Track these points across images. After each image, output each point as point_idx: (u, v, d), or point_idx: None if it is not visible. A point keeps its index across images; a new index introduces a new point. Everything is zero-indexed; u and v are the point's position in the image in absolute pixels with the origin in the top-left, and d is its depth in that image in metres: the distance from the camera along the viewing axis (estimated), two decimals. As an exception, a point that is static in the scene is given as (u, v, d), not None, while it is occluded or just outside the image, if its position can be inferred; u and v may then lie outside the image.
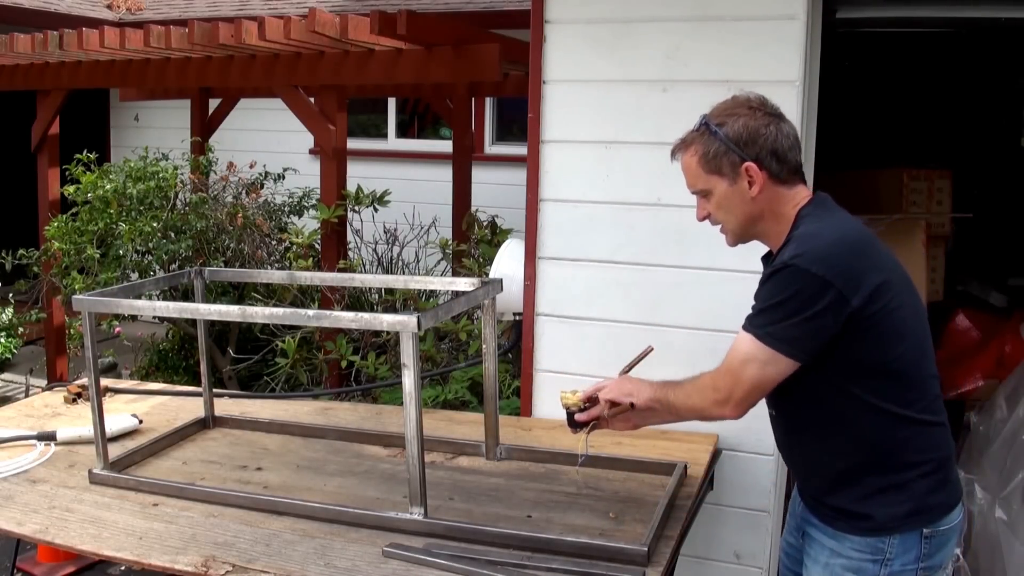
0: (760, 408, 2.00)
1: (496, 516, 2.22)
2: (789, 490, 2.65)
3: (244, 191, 5.28)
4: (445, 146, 7.05)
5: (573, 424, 2.16)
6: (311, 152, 7.44)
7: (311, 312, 2.39)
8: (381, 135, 8.17)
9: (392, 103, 8.10)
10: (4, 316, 6.61)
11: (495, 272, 3.25)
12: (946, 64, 5.54)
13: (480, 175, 6.15)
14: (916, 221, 4.23)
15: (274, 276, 3.77)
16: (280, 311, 3.13)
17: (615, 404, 2.09)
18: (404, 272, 5.49)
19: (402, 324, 2.05)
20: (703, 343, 2.71)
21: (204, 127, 6.17)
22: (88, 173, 5.10)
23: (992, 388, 3.86)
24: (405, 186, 6.29)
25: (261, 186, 5.45)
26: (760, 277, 1.94)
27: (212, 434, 2.86)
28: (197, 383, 3.17)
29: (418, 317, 2.02)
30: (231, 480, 2.46)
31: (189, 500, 2.29)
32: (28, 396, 5.14)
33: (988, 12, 2.89)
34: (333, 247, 4.80)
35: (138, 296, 2.80)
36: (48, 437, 2.70)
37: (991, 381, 3.96)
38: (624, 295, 2.91)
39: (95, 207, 5.02)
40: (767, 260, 2.04)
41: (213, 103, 6.37)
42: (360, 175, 5.41)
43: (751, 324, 1.89)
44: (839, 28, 3.13)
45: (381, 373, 4.23)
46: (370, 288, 4.88)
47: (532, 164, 2.98)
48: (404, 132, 8.19)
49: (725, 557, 2.89)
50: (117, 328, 5.60)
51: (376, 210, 5.00)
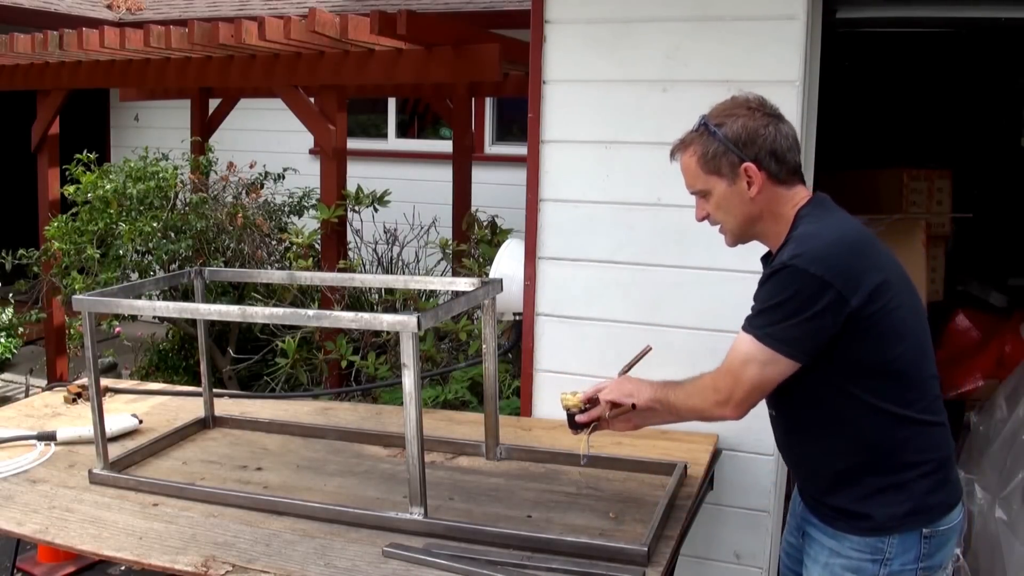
0: (760, 408, 2.00)
1: (496, 516, 2.22)
2: (789, 490, 2.65)
3: (244, 191, 5.28)
4: (445, 146, 7.05)
5: (574, 425, 2.16)
6: (311, 152, 7.44)
7: (311, 312, 2.39)
8: (381, 135, 8.17)
9: (392, 103, 8.10)
10: (4, 316, 6.61)
11: (495, 272, 3.25)
12: (946, 64, 5.54)
13: (480, 175, 6.15)
14: (916, 221, 4.23)
15: (274, 276, 3.77)
16: (280, 311, 3.13)
17: (616, 405, 2.09)
18: (404, 272, 5.49)
19: (402, 324, 2.05)
20: (703, 343, 2.71)
21: (204, 127, 6.17)
22: (88, 173, 5.11)
23: (992, 388, 3.86)
24: (405, 186, 6.29)
25: (261, 186, 5.44)
26: (759, 278, 1.94)
27: (212, 434, 2.86)
28: (197, 383, 3.17)
29: (418, 317, 2.02)
30: (231, 480, 2.46)
31: (189, 500, 2.29)
32: (28, 396, 5.14)
33: (988, 12, 2.89)
34: (333, 247, 4.80)
35: (138, 296, 2.80)
36: (48, 437, 2.70)
37: (991, 381, 3.97)
38: (624, 295, 2.91)
39: (95, 207, 5.02)
40: (766, 260, 2.04)
41: (213, 103, 6.37)
42: (360, 175, 5.41)
43: (751, 325, 1.89)
44: (839, 28, 3.13)
45: (381, 373, 4.23)
46: (370, 288, 4.88)
47: (532, 164, 2.98)
48: (404, 132, 8.19)
49: (725, 557, 2.89)
50: (117, 328, 5.60)
51: (376, 210, 5.00)
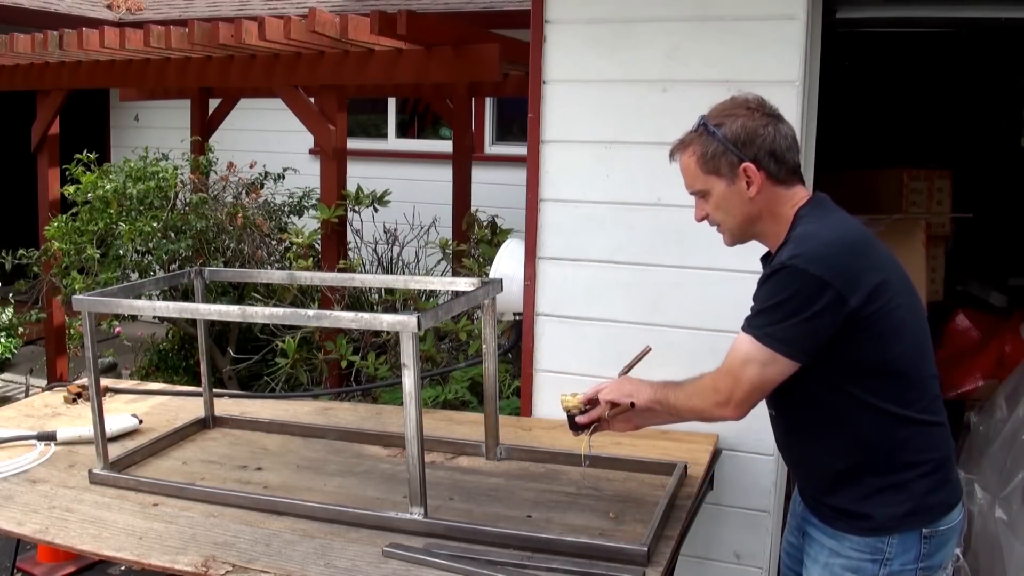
0: (760, 408, 2.00)
1: (496, 516, 2.22)
2: (789, 490, 2.66)
3: (244, 191, 5.28)
4: (445, 146, 7.05)
5: (574, 427, 2.16)
6: (311, 152, 7.44)
7: (311, 312, 2.39)
8: (381, 135, 8.17)
9: (392, 103, 8.10)
10: (4, 316, 6.61)
11: (495, 272, 3.25)
12: (946, 64, 5.54)
13: (480, 175, 6.15)
14: (916, 221, 4.23)
15: (274, 276, 3.77)
16: (280, 311, 3.13)
17: (615, 405, 2.09)
18: (404, 272, 5.49)
19: (402, 324, 2.05)
20: (703, 343, 2.71)
21: (204, 127, 6.17)
22: (88, 173, 5.11)
23: (992, 388, 3.86)
24: (405, 186, 6.29)
25: (261, 186, 5.44)
26: (759, 278, 1.94)
27: (212, 434, 2.86)
28: (197, 383, 3.17)
29: (418, 317, 2.02)
30: (231, 480, 2.46)
31: (189, 500, 2.29)
32: (28, 396, 5.14)
33: (988, 12, 2.89)
34: (333, 247, 4.80)
35: (138, 296, 2.80)
36: (48, 437, 2.70)
37: (991, 381, 3.97)
38: (624, 295, 2.91)
39: (95, 207, 5.02)
40: (766, 260, 2.04)
41: (213, 103, 6.36)
42: (360, 175, 5.41)
43: (750, 325, 1.89)
44: (839, 28, 3.13)
45: (381, 373, 4.23)
46: (370, 288, 4.88)
47: (532, 164, 2.98)
48: (404, 132, 8.19)
49: (725, 557, 2.89)
50: (117, 328, 5.60)
51: (376, 210, 5.00)
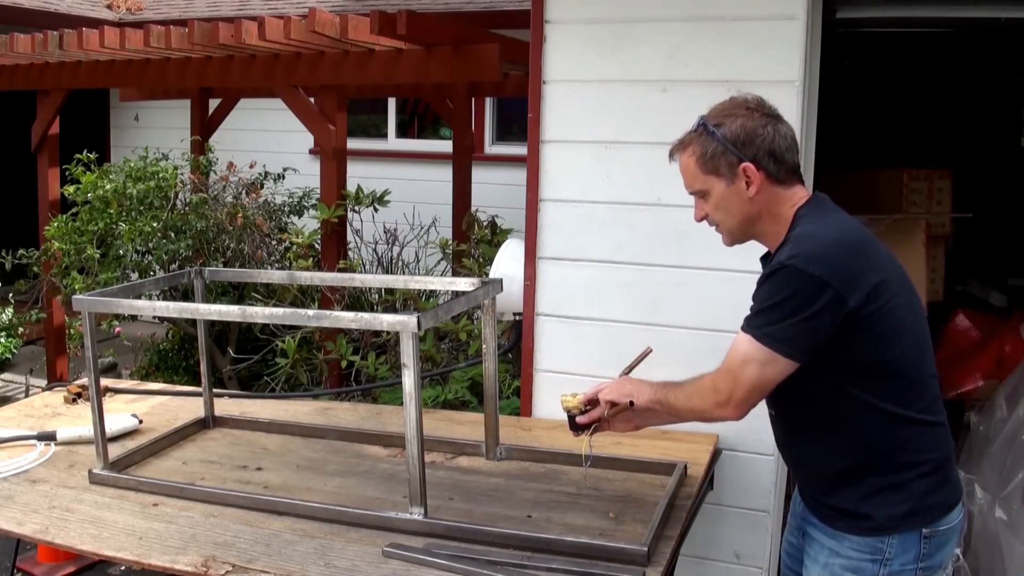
0: (760, 408, 2.00)
1: (496, 516, 2.22)
2: (789, 490, 2.66)
3: (244, 191, 5.28)
4: (445, 146, 7.05)
5: (575, 427, 2.16)
6: (311, 152, 7.44)
7: (311, 312, 2.39)
8: (381, 135, 8.17)
9: (392, 103, 8.10)
10: (4, 316, 6.61)
11: (495, 272, 3.25)
12: (946, 64, 5.54)
13: (480, 175, 6.15)
14: (916, 221, 4.23)
15: (274, 276, 3.76)
16: (280, 311, 3.13)
17: (615, 405, 2.09)
18: (404, 272, 5.49)
19: (402, 324, 2.05)
20: (703, 343, 2.71)
21: (204, 127, 6.17)
22: (88, 173, 5.11)
23: (992, 388, 3.86)
24: (405, 186, 6.29)
25: (261, 186, 5.45)
26: (758, 278, 1.94)
27: (212, 434, 2.86)
28: (197, 383, 3.17)
29: (418, 317, 2.02)
30: (231, 480, 2.46)
31: (189, 500, 2.29)
32: (28, 396, 5.14)
33: (988, 12, 2.89)
34: (333, 247, 4.80)
35: (138, 296, 2.80)
36: (48, 437, 2.70)
37: (991, 381, 3.97)
38: (624, 295, 2.91)
39: (95, 207, 5.02)
40: (765, 260, 2.04)
41: (213, 103, 6.36)
42: (360, 175, 5.41)
43: (749, 325, 1.89)
44: (839, 28, 3.13)
45: (381, 373, 4.23)
46: (370, 288, 4.88)
47: (532, 164, 2.98)
48: (404, 132, 8.19)
49: (725, 557, 2.89)
50: (117, 328, 5.60)
51: (376, 210, 5.00)
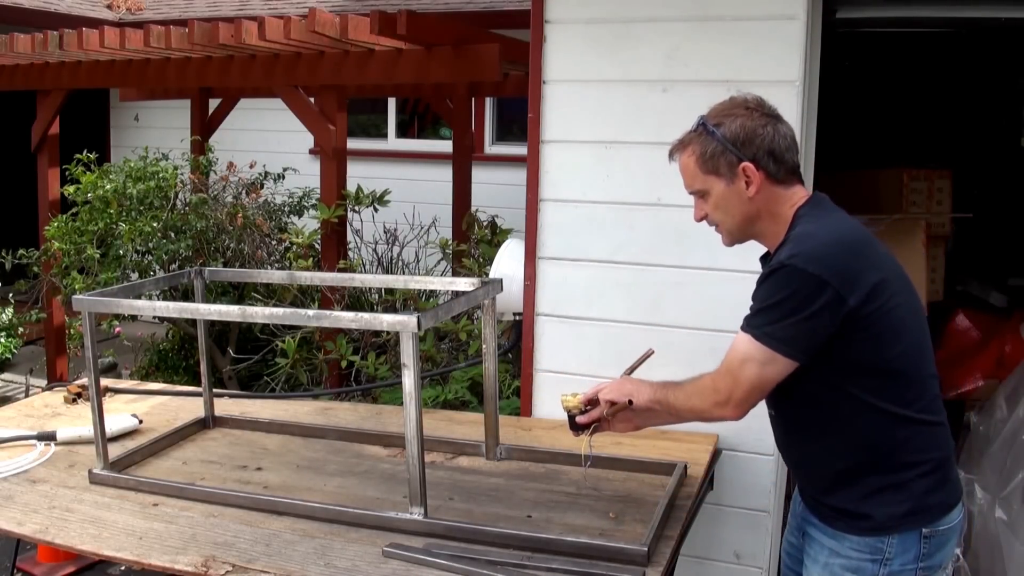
0: (760, 408, 2.00)
1: (496, 516, 2.22)
2: (789, 490, 2.66)
3: (244, 191, 5.28)
4: (445, 146, 7.05)
5: (575, 427, 2.16)
6: (311, 152, 7.44)
7: (311, 312, 2.39)
8: (381, 135, 8.17)
9: (392, 103, 8.10)
10: (4, 316, 6.61)
11: (495, 272, 3.25)
12: (946, 64, 5.54)
13: (480, 175, 6.15)
14: (916, 221, 4.23)
15: (274, 276, 3.76)
16: (280, 311, 3.13)
17: (615, 404, 2.09)
18: (404, 272, 5.49)
19: (402, 324, 2.05)
20: (703, 343, 2.71)
21: (204, 127, 6.17)
22: (88, 173, 5.11)
23: (992, 388, 3.86)
24: (405, 186, 6.29)
25: (261, 186, 5.44)
26: (758, 277, 1.94)
27: (212, 434, 2.86)
28: (197, 383, 3.17)
29: (418, 317, 2.02)
30: (231, 480, 2.46)
31: (189, 500, 2.29)
32: (28, 396, 5.14)
33: (988, 12, 2.89)
34: (333, 247, 4.80)
35: (138, 296, 2.80)
36: (48, 437, 2.70)
37: (991, 381, 3.97)
38: (624, 295, 2.91)
39: (95, 207, 5.02)
40: (765, 260, 2.05)
41: (213, 103, 6.36)
42: (360, 175, 5.41)
43: (749, 324, 1.89)
44: (839, 28, 3.13)
45: (381, 373, 4.23)
46: (370, 288, 4.88)
47: (532, 164, 2.98)
48: (404, 132, 8.19)
49: (725, 557, 2.89)
50: (117, 328, 5.60)
51: (376, 210, 5.00)
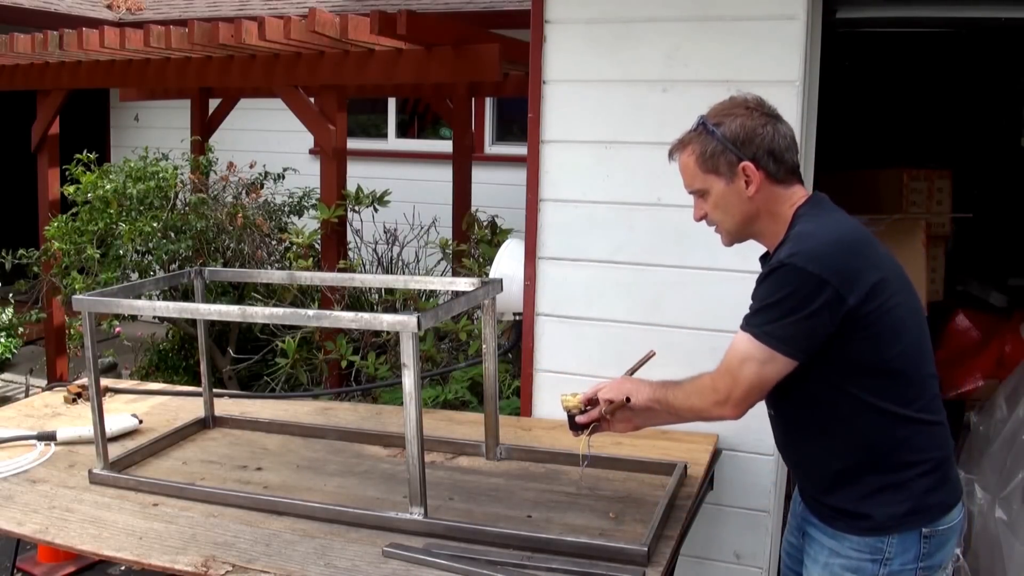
0: (760, 408, 2.00)
1: (496, 516, 2.22)
2: (789, 490, 2.66)
3: (244, 191, 5.28)
4: (445, 146, 7.05)
5: (574, 427, 2.16)
6: (311, 152, 7.44)
7: (311, 312, 2.39)
8: (381, 135, 8.17)
9: (392, 103, 8.10)
10: (4, 316, 6.61)
11: (495, 272, 3.25)
12: (946, 64, 5.54)
13: (480, 175, 6.15)
14: (916, 221, 4.23)
15: (274, 276, 3.76)
16: (280, 311, 3.13)
17: (613, 403, 2.09)
18: (404, 272, 5.49)
19: (402, 324, 2.05)
20: (703, 343, 2.71)
21: (204, 127, 6.17)
22: (88, 173, 5.11)
23: (992, 388, 3.86)
24: (405, 186, 6.29)
25: (261, 186, 5.44)
26: (758, 276, 1.94)
27: (212, 434, 2.86)
28: (197, 383, 3.17)
29: (418, 317, 2.02)
30: (231, 480, 2.46)
31: (189, 500, 2.29)
32: (28, 396, 5.14)
33: (988, 12, 2.89)
34: (333, 247, 4.80)
35: (138, 296, 2.80)
36: (48, 437, 2.70)
37: (991, 381, 3.97)
38: (624, 295, 2.91)
39: (95, 207, 5.02)
40: (765, 260, 2.05)
41: (213, 103, 6.37)
42: (360, 175, 5.41)
43: (748, 323, 1.89)
44: (839, 28, 3.13)
45: (381, 373, 4.23)
46: (370, 288, 4.88)
47: (532, 164, 2.98)
48: (404, 132, 8.19)
49: (725, 557, 2.89)
50: (117, 328, 5.60)
51: (376, 210, 5.00)
